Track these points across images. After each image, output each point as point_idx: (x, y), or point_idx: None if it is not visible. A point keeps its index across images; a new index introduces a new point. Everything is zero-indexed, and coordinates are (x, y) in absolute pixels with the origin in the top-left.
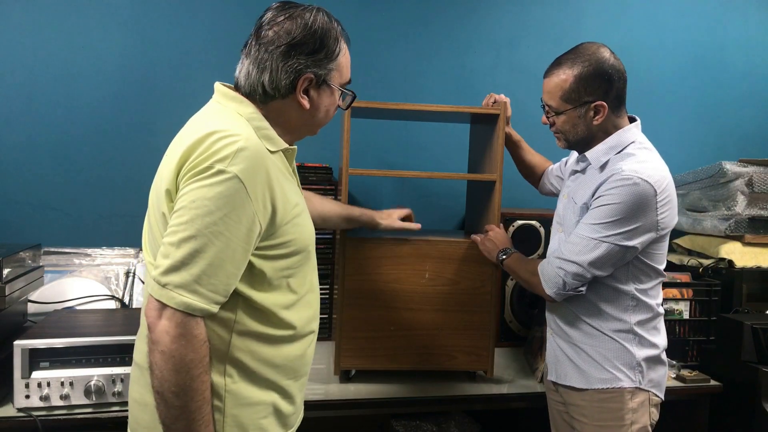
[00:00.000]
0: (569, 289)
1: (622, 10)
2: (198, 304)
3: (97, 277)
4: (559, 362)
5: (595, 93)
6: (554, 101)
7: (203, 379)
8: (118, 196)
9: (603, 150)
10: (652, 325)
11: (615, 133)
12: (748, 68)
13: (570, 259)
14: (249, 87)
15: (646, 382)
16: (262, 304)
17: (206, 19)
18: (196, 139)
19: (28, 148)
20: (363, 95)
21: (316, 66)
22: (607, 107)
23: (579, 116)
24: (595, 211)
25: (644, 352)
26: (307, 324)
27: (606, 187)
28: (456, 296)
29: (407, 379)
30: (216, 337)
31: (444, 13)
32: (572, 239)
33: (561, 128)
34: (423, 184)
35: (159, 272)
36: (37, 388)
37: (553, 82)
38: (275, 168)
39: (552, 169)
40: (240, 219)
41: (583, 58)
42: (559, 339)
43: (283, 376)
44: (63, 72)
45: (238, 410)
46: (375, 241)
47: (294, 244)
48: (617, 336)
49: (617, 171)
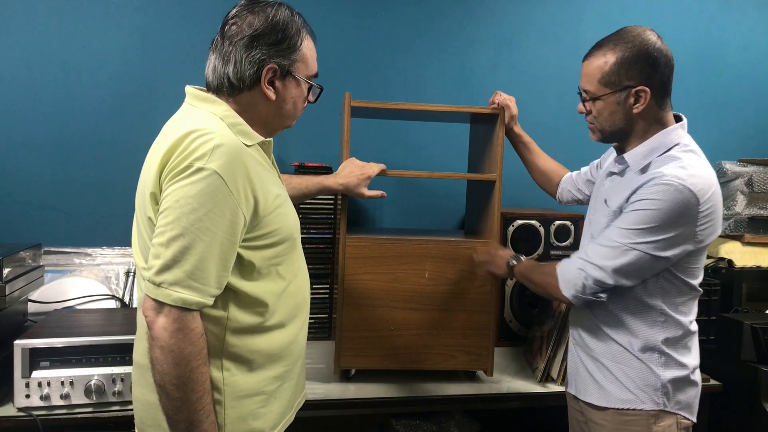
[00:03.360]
0: (588, 293)
1: (622, 10)
2: (193, 298)
3: (97, 276)
4: (579, 375)
5: (637, 77)
6: (592, 85)
7: (202, 371)
8: (118, 196)
9: (643, 152)
10: (683, 343)
11: (658, 133)
12: (748, 68)
13: (594, 262)
14: (216, 81)
15: (673, 404)
16: (252, 294)
17: (206, 19)
18: (174, 140)
19: (28, 148)
20: (363, 95)
21: (279, 56)
22: (649, 93)
23: (618, 102)
24: (630, 215)
25: (670, 373)
26: (296, 308)
27: (644, 192)
28: (456, 296)
29: (407, 379)
30: (210, 334)
31: (444, 14)
32: (600, 241)
33: (597, 116)
34: (423, 184)
35: (152, 272)
36: (38, 388)
37: (592, 65)
38: (253, 161)
39: (579, 174)
40: (224, 213)
41: (626, 39)
42: (580, 351)
43: (280, 363)
44: (63, 72)
45: (238, 401)
46: (375, 241)
47: (279, 233)
48: (642, 355)
49: (658, 175)
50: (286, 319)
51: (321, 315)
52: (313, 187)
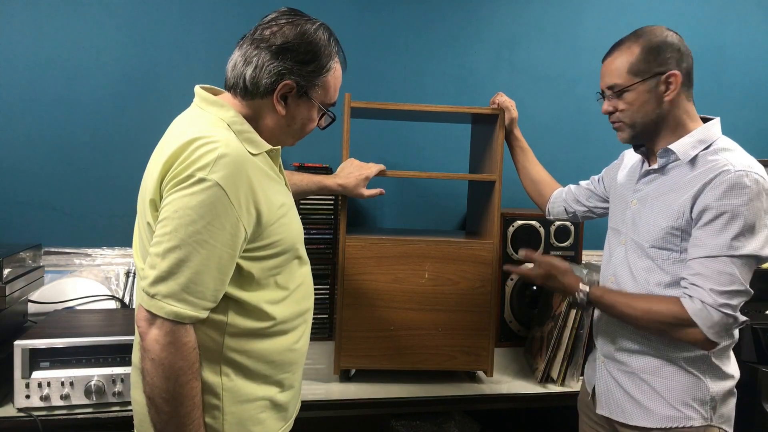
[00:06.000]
0: (738, 325)
1: (622, 10)
2: (187, 312)
3: (97, 277)
4: (611, 394)
5: (667, 63)
6: (621, 77)
7: (192, 386)
8: (119, 196)
9: (690, 143)
10: (726, 353)
11: (701, 126)
12: (748, 68)
13: (726, 290)
14: (233, 79)
15: (717, 417)
16: (251, 303)
17: (206, 19)
18: (177, 147)
19: (28, 148)
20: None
21: (301, 76)
22: (680, 78)
23: (649, 90)
24: (721, 222)
25: (719, 385)
26: (298, 315)
27: (720, 190)
28: (456, 296)
29: (407, 379)
30: (209, 339)
31: (444, 14)
32: (713, 265)
33: (627, 109)
34: (423, 184)
35: (147, 283)
36: (38, 388)
37: (617, 60)
38: (258, 171)
39: (579, 187)
40: (224, 226)
41: (647, 34)
42: (612, 367)
43: (279, 369)
44: (63, 72)
45: (236, 407)
46: (375, 241)
47: (281, 244)
48: (690, 366)
49: (724, 169)
50: (287, 326)
51: (321, 315)
52: (313, 185)
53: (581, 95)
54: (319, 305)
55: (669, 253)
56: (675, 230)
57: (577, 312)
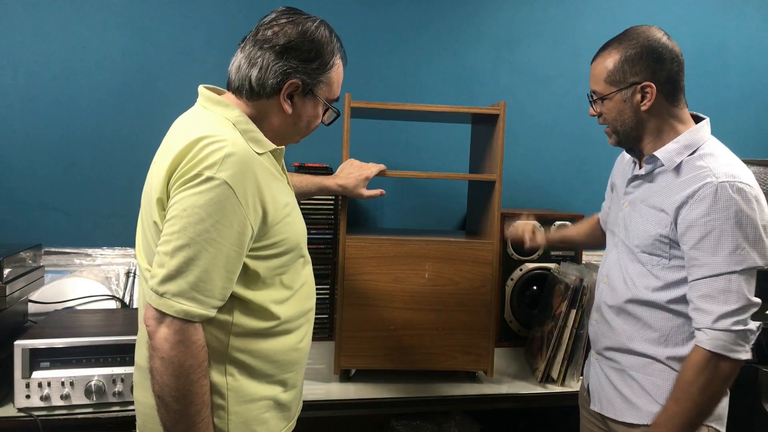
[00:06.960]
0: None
1: (622, 10)
2: (196, 310)
3: (97, 277)
4: (603, 390)
5: (642, 73)
6: (599, 85)
7: (202, 383)
8: (119, 196)
9: (676, 149)
10: None
11: (688, 130)
12: (748, 68)
13: (734, 308)
14: (238, 81)
15: None
16: (257, 302)
17: (206, 19)
18: (184, 146)
19: (28, 148)
20: (363, 95)
21: (306, 74)
22: (655, 89)
23: (624, 100)
24: (712, 240)
25: None
26: (302, 315)
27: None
28: (456, 296)
29: (407, 379)
30: (214, 339)
31: (444, 13)
32: (716, 285)
33: (608, 117)
34: (423, 184)
35: (155, 282)
36: (38, 388)
37: (599, 66)
38: (264, 170)
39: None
40: (231, 224)
41: (631, 38)
42: (604, 364)
43: (283, 368)
44: (63, 72)
45: (241, 407)
46: (375, 241)
47: (286, 243)
48: (678, 364)
49: (707, 180)
50: (291, 326)
51: (321, 315)
52: (313, 186)
53: (581, 95)
54: (320, 305)
55: (659, 258)
56: (663, 237)
57: (577, 312)
